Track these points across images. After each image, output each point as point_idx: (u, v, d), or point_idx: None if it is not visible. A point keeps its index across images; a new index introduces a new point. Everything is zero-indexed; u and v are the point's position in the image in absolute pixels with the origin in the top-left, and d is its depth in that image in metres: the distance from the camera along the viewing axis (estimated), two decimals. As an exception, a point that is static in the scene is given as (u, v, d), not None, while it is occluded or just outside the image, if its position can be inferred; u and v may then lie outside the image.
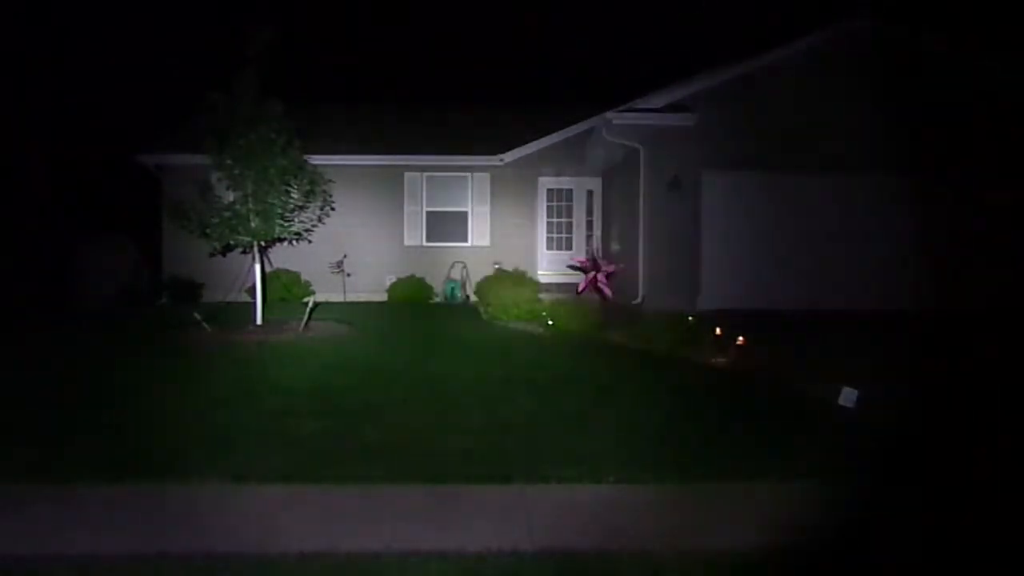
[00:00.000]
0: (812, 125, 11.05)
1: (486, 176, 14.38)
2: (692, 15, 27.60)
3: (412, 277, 13.50)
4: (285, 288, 12.88)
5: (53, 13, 21.39)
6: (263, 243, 9.88)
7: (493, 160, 14.12)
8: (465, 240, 14.40)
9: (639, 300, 11.10)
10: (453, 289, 13.56)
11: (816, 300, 10.84)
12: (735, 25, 25.71)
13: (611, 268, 11.95)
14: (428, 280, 13.56)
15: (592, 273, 11.82)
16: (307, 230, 10.56)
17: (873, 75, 11.06)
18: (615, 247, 13.19)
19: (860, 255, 11.15)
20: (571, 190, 14.86)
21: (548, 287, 12.83)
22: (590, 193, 14.90)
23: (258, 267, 9.96)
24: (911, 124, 11.04)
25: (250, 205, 9.34)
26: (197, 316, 9.18)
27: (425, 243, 14.36)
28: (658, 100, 11.01)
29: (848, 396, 5.68)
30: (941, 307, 10.52)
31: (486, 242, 14.38)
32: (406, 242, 14.35)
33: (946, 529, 3.62)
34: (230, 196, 9.62)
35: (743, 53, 11.55)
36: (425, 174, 14.37)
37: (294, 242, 11.39)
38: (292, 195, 9.86)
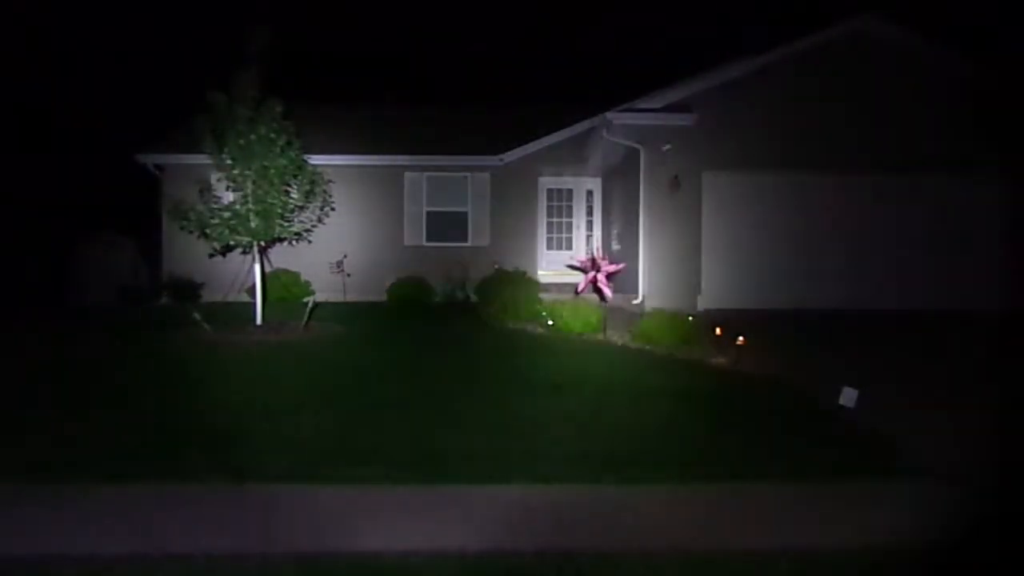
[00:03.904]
0: (812, 125, 11.05)
1: (486, 176, 14.38)
2: (692, 15, 27.61)
3: (412, 277, 13.48)
4: (285, 288, 12.87)
5: (54, 14, 21.40)
6: (263, 243, 9.88)
7: (493, 160, 14.11)
8: (465, 240, 14.39)
9: (639, 300, 11.10)
10: (453, 289, 13.54)
11: (816, 300, 10.84)
12: (735, 25, 25.72)
13: (611, 268, 11.94)
14: (428, 280, 13.55)
15: (592, 273, 11.81)
16: (307, 230, 10.56)
17: (874, 75, 11.06)
18: (615, 247, 13.19)
19: (860, 255, 11.15)
20: (571, 190, 14.86)
21: (548, 287, 12.81)
22: (590, 193, 14.90)
23: (258, 267, 9.95)
24: (912, 124, 11.05)
25: (250, 205, 9.34)
26: (197, 316, 9.18)
27: (425, 243, 14.36)
28: (658, 100, 11.01)
29: (849, 396, 5.68)
30: (941, 308, 10.52)
31: (486, 242, 14.38)
32: (406, 242, 14.34)
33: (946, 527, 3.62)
34: (230, 196, 9.62)
35: (743, 53, 11.56)
36: (425, 174, 14.36)
37: (294, 242, 11.38)
38: (292, 195, 9.85)
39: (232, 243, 9.74)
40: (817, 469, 4.39)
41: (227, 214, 9.38)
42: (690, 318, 8.73)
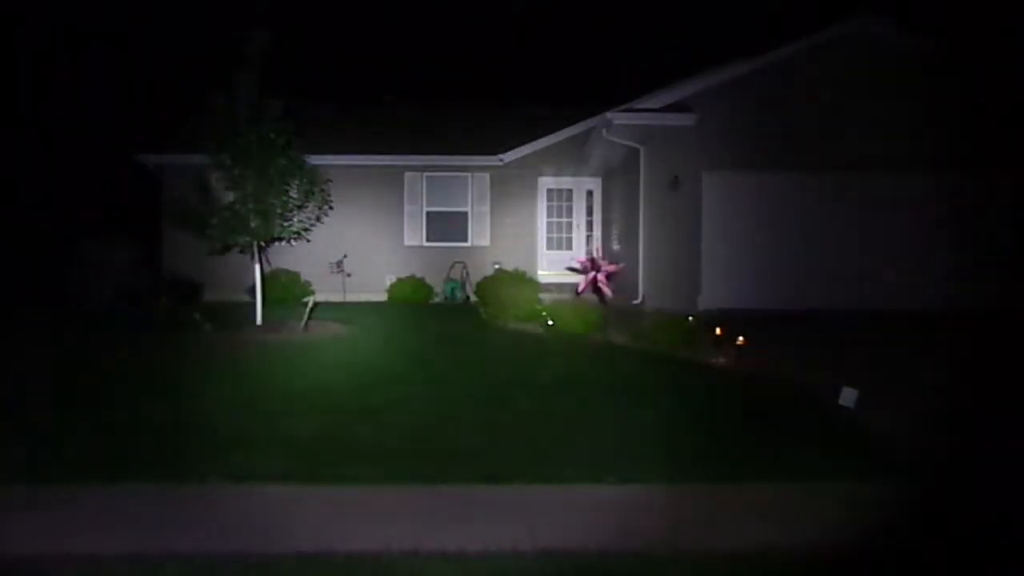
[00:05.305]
0: (812, 125, 11.05)
1: (486, 176, 14.38)
2: (692, 15, 27.60)
3: (412, 277, 13.50)
4: (285, 288, 12.87)
5: (54, 14, 21.40)
6: (263, 243, 9.87)
7: (493, 160, 14.11)
8: (465, 240, 14.40)
9: (639, 300, 11.10)
10: (453, 289, 13.55)
11: (816, 300, 10.83)
12: (736, 25, 25.71)
13: (611, 268, 11.95)
14: (428, 280, 13.56)
15: (592, 273, 11.82)
16: (306, 230, 10.55)
17: (873, 75, 11.05)
18: (615, 247, 13.19)
19: (860, 255, 11.14)
20: (571, 190, 14.86)
21: (548, 287, 12.82)
22: (590, 193, 14.90)
23: (258, 267, 9.95)
24: (911, 124, 11.04)
25: (250, 205, 9.34)
26: (197, 316, 9.18)
27: (425, 243, 14.36)
28: (658, 100, 11.01)
29: (848, 396, 5.67)
30: (942, 307, 10.51)
31: (486, 242, 14.38)
32: (406, 242, 14.35)
33: (945, 528, 3.62)
34: (230, 196, 9.61)
35: (743, 53, 11.55)
36: (425, 174, 14.37)
37: (294, 242, 11.35)
38: (291, 195, 9.85)
39: (231, 243, 9.74)
40: (816, 469, 4.39)
41: (227, 214, 9.38)
42: (690, 318, 8.72)
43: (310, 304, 10.07)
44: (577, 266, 12.94)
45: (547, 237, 14.82)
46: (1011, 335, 8.96)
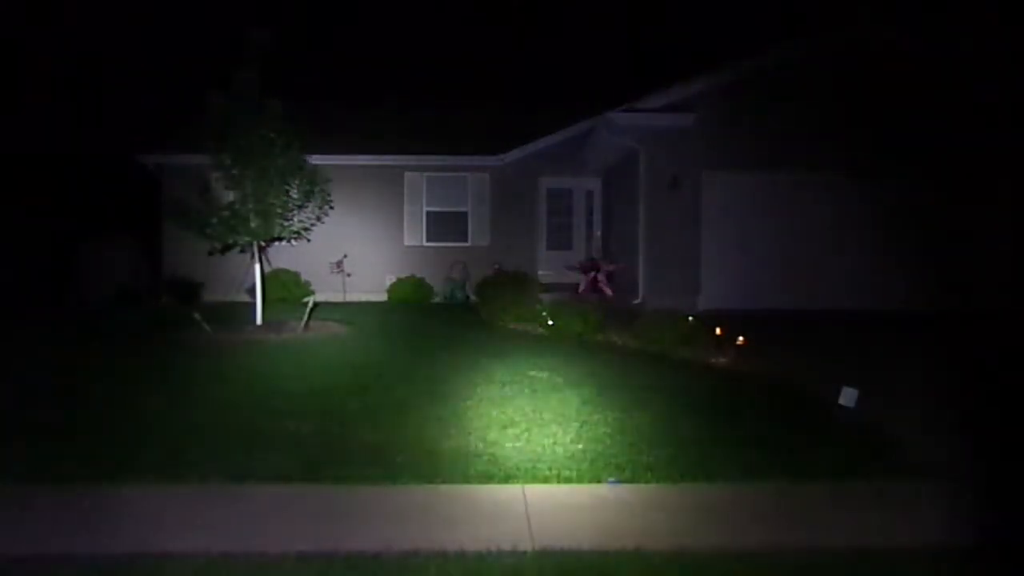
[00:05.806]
0: (812, 125, 11.04)
1: (486, 176, 14.39)
2: (692, 15, 27.60)
3: (412, 277, 13.50)
4: (285, 288, 12.87)
5: (54, 13, 21.41)
6: (263, 243, 9.88)
7: (493, 160, 14.12)
8: (465, 240, 14.40)
9: (639, 300, 11.10)
10: (453, 289, 13.56)
11: (816, 300, 10.84)
12: (736, 25, 25.70)
13: (611, 268, 11.95)
14: (428, 280, 13.56)
15: (592, 273, 11.83)
16: (306, 229, 10.55)
17: (873, 77, 11.05)
18: (615, 247, 13.19)
19: (860, 255, 11.15)
20: (571, 190, 14.86)
21: (548, 287, 12.83)
22: (590, 193, 14.91)
23: (258, 267, 9.96)
24: (911, 126, 11.03)
25: (250, 205, 9.34)
26: (197, 316, 9.18)
27: (425, 243, 14.37)
28: (658, 100, 11.01)
29: (849, 396, 5.68)
30: (941, 308, 10.50)
31: (486, 242, 14.38)
32: (406, 242, 14.35)
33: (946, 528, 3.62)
34: (230, 196, 9.62)
35: (743, 53, 11.54)
36: (425, 174, 14.37)
37: (293, 242, 11.36)
38: (291, 195, 9.85)
39: (231, 243, 9.75)
40: (817, 469, 4.39)
41: (227, 214, 9.38)
42: (690, 318, 8.72)
43: (310, 304, 10.07)
44: (577, 266, 12.94)
45: (547, 237, 14.82)
46: (1013, 335, 8.96)
